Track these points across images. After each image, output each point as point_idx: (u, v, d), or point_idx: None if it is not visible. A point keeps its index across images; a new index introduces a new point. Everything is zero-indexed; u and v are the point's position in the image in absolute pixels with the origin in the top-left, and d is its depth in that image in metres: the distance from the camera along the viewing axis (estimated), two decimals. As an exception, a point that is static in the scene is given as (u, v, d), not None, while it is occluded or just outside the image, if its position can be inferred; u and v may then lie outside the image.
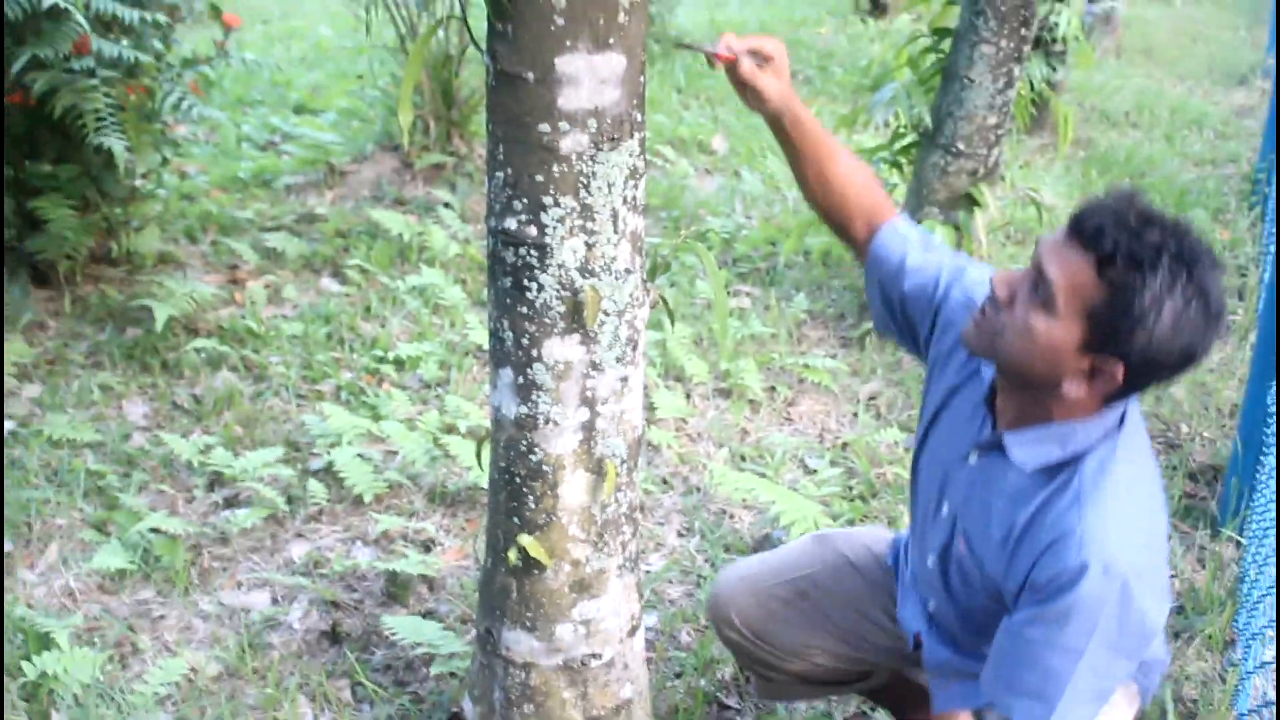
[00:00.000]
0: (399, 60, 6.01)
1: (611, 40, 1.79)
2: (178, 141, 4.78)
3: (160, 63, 4.17)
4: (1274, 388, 3.31)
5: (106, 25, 3.88)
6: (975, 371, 1.95)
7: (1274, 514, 2.91)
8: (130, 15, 3.86)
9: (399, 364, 4.16)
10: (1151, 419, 4.01)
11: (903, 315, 2.11)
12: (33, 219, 4.18)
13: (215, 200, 5.33)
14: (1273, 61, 7.74)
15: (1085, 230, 1.64)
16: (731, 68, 1.97)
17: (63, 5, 3.63)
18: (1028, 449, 1.79)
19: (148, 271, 4.54)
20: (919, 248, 2.09)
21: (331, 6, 9.38)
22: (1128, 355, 1.65)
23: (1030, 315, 1.69)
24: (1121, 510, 1.73)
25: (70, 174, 4.17)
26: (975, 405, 1.93)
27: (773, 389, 4.16)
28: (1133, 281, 1.60)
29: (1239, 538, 3.40)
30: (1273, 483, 3.01)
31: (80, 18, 3.66)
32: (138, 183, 4.52)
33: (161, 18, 4.10)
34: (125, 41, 3.91)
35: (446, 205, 5.43)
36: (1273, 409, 3.30)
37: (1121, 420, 1.78)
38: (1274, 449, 3.18)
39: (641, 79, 1.87)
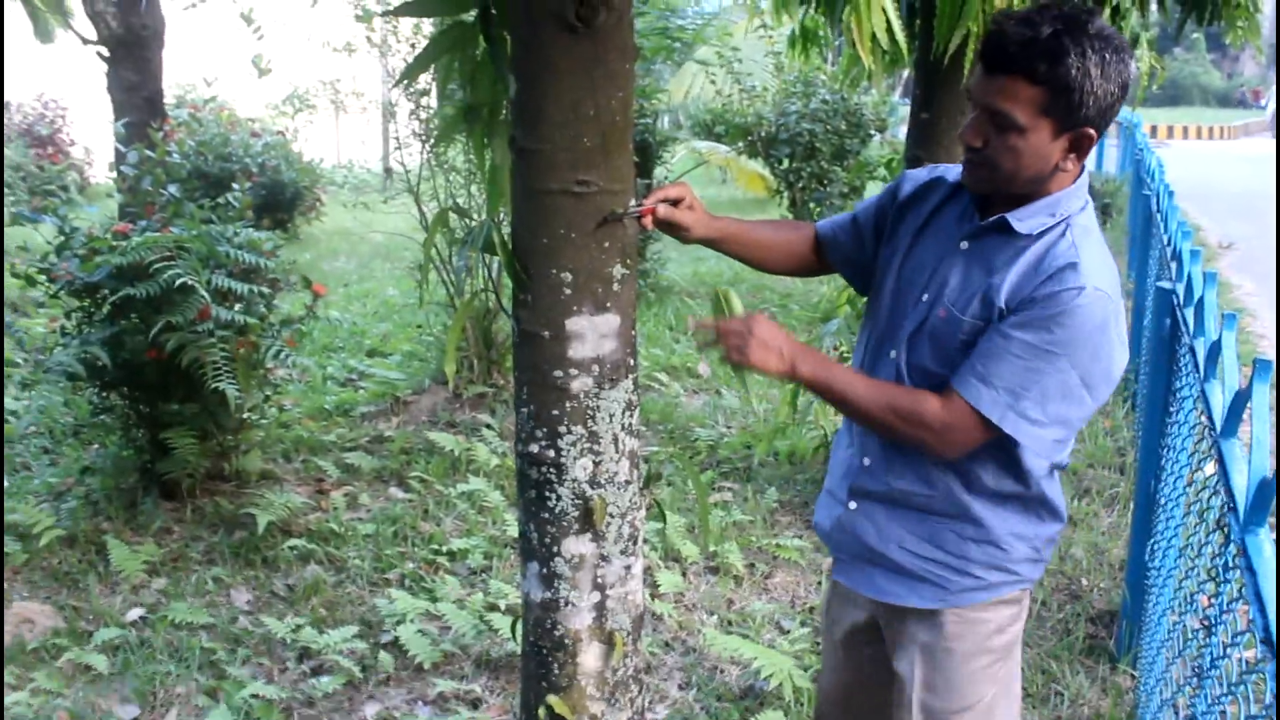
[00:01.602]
0: (449, 313, 6.15)
1: (609, 304, 1.86)
2: (276, 383, 4.87)
3: (264, 323, 4.28)
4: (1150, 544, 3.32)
5: (223, 296, 4.01)
6: (939, 205, 1.94)
7: (1160, 650, 2.87)
8: (241, 288, 4.02)
9: (451, 555, 4.14)
10: (1056, 574, 3.98)
11: (871, 234, 2.05)
12: (162, 446, 4.25)
13: (306, 427, 5.39)
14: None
15: (1002, 62, 1.68)
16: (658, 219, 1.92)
17: (190, 283, 3.78)
18: (1028, 220, 1.78)
19: (252, 486, 4.57)
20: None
21: (396, 273, 9.64)
22: (1087, 117, 1.69)
23: (1008, 142, 1.72)
24: (1105, 264, 1.75)
25: (193, 411, 4.24)
26: (960, 214, 1.90)
27: (752, 565, 4.13)
28: (1058, 70, 1.64)
29: (1133, 671, 3.35)
30: (1162, 621, 2.98)
31: (203, 292, 3.81)
32: (245, 416, 4.59)
33: (265, 289, 4.25)
34: (237, 308, 4.05)
35: (488, 426, 5.48)
36: (1150, 563, 3.30)
37: (1082, 207, 1.80)
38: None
39: (633, 331, 1.94)
